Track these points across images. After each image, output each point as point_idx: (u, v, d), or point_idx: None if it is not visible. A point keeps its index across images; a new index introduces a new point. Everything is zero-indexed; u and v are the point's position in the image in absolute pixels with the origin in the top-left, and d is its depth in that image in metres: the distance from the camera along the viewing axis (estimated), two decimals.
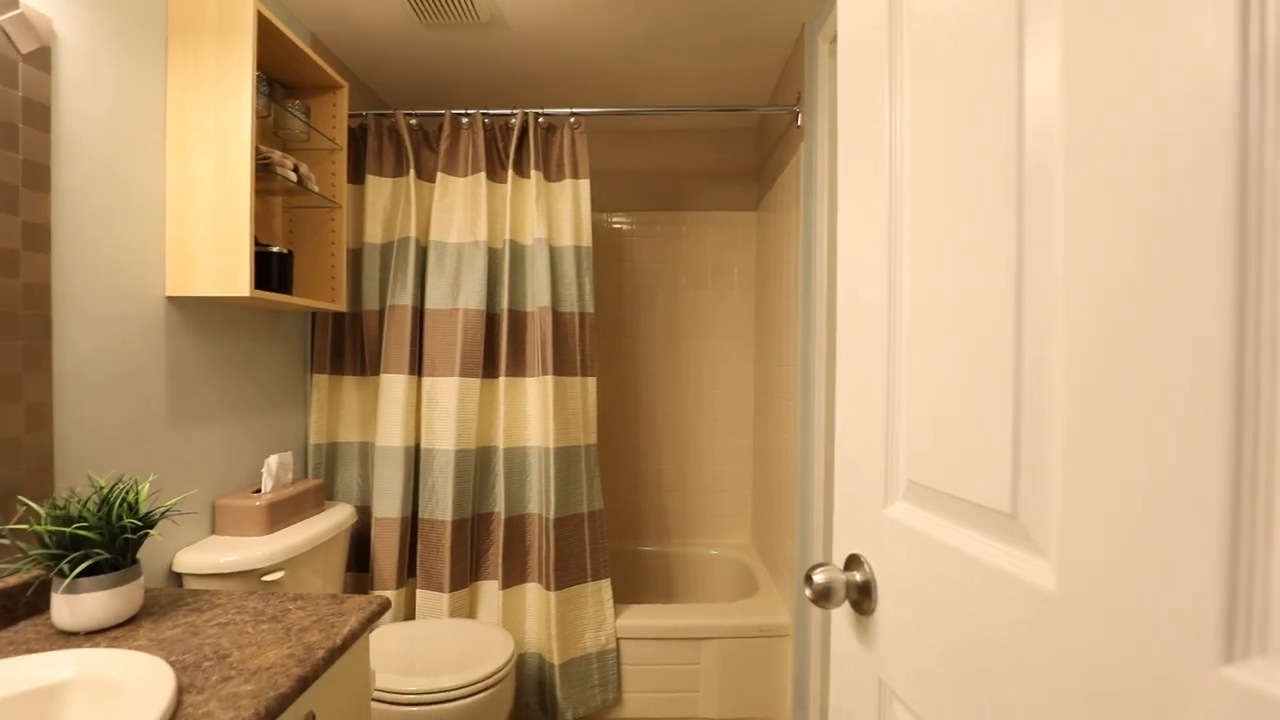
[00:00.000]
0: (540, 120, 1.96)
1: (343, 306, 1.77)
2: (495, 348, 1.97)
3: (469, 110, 1.95)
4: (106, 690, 0.79)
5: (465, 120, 1.96)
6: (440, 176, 1.95)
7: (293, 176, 1.55)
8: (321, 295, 1.77)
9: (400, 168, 2.00)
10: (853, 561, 0.70)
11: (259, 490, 1.58)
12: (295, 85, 1.74)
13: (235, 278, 1.35)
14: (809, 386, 1.85)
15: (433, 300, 1.93)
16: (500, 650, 1.57)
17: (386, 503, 1.89)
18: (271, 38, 1.48)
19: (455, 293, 1.93)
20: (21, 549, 0.94)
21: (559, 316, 1.94)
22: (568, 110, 1.95)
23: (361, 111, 1.96)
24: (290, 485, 1.64)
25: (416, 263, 1.95)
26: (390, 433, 1.90)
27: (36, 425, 1.07)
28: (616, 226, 2.79)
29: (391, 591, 1.87)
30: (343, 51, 2.07)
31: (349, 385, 1.99)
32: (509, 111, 1.96)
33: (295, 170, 1.57)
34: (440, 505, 1.88)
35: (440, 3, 1.77)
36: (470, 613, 1.93)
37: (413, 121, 1.98)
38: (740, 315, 2.76)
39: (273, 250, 1.53)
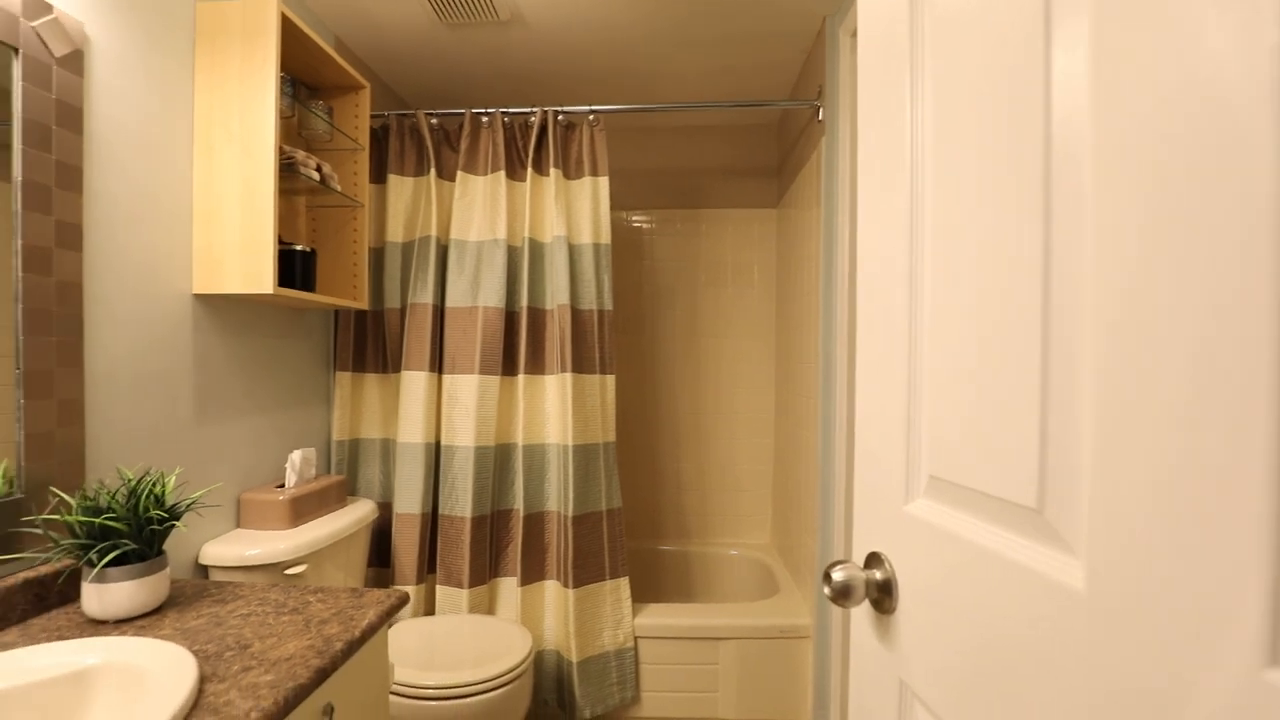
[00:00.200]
0: (559, 118, 1.96)
1: (365, 304, 1.79)
2: (515, 345, 1.98)
3: (489, 109, 1.96)
4: (132, 677, 0.80)
5: (485, 119, 1.97)
6: (460, 175, 1.96)
7: (316, 176, 1.57)
8: (344, 293, 1.79)
9: (421, 167, 2.02)
10: (873, 559, 0.68)
11: (283, 485, 1.61)
12: (318, 86, 1.77)
13: (259, 276, 1.37)
14: (830, 384, 1.82)
15: (453, 298, 1.94)
16: (519, 647, 1.58)
17: (407, 499, 1.91)
18: (295, 40, 1.50)
19: (475, 291, 1.94)
20: (53, 539, 0.97)
21: (578, 314, 1.94)
22: (586, 108, 1.95)
23: (383, 112, 1.99)
24: (313, 480, 1.66)
25: (437, 261, 1.97)
26: (411, 429, 1.91)
27: (69, 419, 1.10)
28: (636, 225, 2.78)
29: (412, 587, 1.88)
30: (365, 52, 2.10)
31: (371, 382, 2.01)
32: (528, 110, 1.96)
33: (318, 170, 1.59)
34: (460, 502, 1.89)
35: (460, 2, 1.78)
36: (489, 609, 1.94)
37: (433, 121, 2.00)
38: (760, 313, 2.73)
39: (296, 249, 1.55)
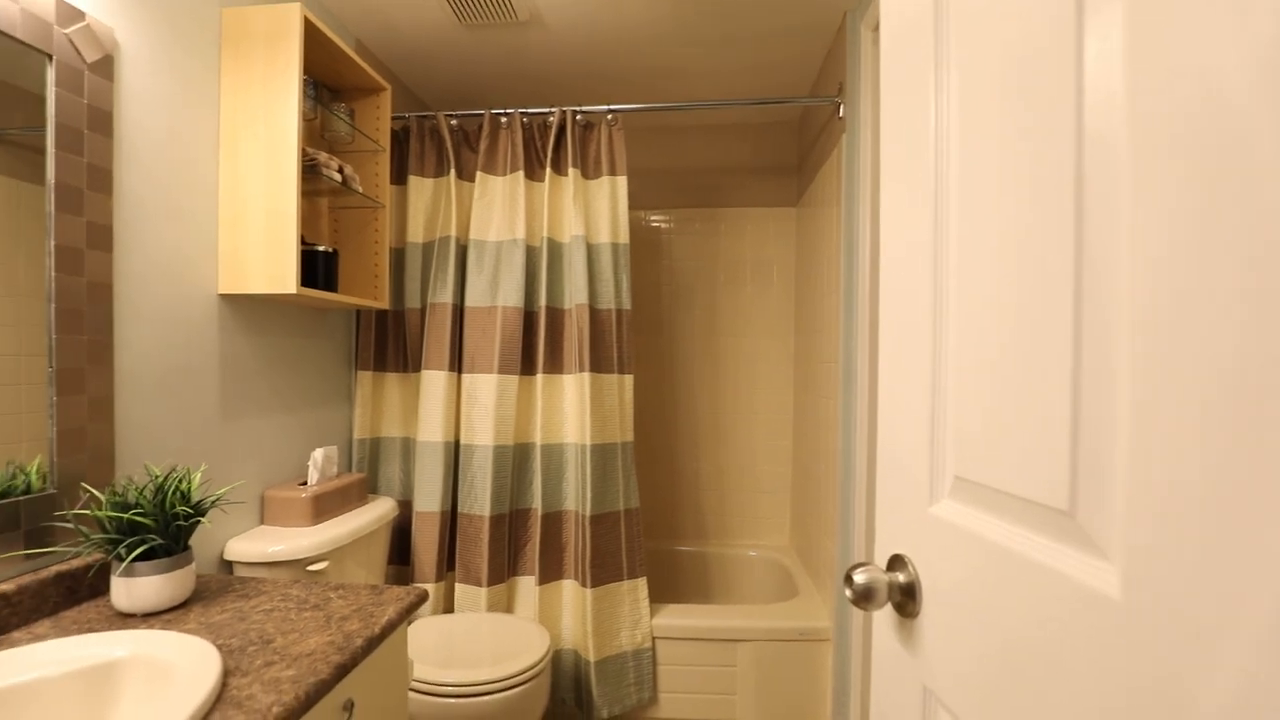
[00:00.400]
0: (578, 118, 1.96)
1: (386, 304, 1.80)
2: (533, 345, 1.99)
3: (508, 110, 1.97)
4: (158, 670, 0.82)
5: (504, 120, 1.98)
6: (480, 176, 1.97)
7: (338, 178, 1.59)
8: (365, 293, 1.81)
9: (441, 168, 2.03)
10: (896, 562, 0.67)
11: (305, 483, 1.63)
12: (340, 89, 1.79)
13: (283, 276, 1.39)
14: (850, 383, 1.80)
15: (472, 298, 1.95)
16: (536, 646, 1.58)
17: (427, 497, 1.92)
18: (318, 43, 1.52)
19: (494, 290, 1.95)
20: (84, 533, 0.99)
21: (596, 314, 1.94)
22: (605, 107, 1.95)
23: (404, 114, 2.00)
24: (335, 478, 1.68)
25: (457, 261, 1.98)
26: (431, 428, 1.93)
27: (99, 416, 1.12)
28: (655, 224, 2.78)
29: (431, 584, 1.90)
30: (386, 55, 2.12)
31: (392, 381, 2.03)
32: (547, 110, 1.97)
33: (340, 171, 1.61)
34: (479, 500, 1.90)
35: (479, 3, 1.79)
36: (507, 607, 1.95)
37: (453, 122, 2.01)
38: (780, 313, 2.71)
39: (319, 249, 1.57)
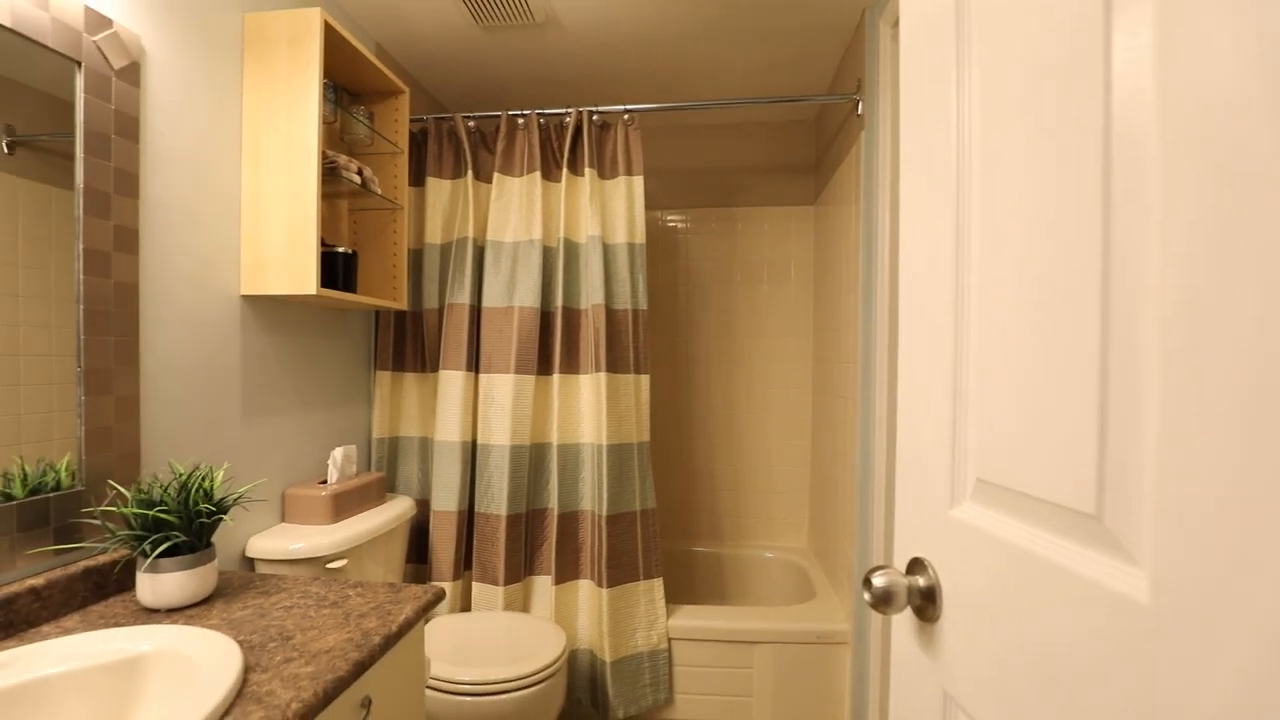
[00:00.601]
0: (594, 118, 1.96)
1: (404, 305, 1.82)
2: (550, 345, 1.99)
3: (524, 111, 1.98)
4: (181, 665, 0.83)
5: (521, 121, 1.99)
6: (497, 177, 1.98)
7: (357, 180, 1.61)
8: (384, 294, 1.83)
9: (459, 169, 2.05)
10: (915, 565, 0.66)
11: (325, 481, 1.65)
12: (360, 92, 1.81)
13: (303, 277, 1.41)
14: (869, 383, 1.77)
15: (489, 298, 1.97)
16: (553, 645, 1.58)
17: (444, 496, 1.93)
18: (338, 47, 1.54)
19: (511, 291, 1.96)
20: (110, 529, 1.01)
21: (612, 314, 1.94)
22: (621, 107, 1.95)
23: (422, 116, 2.02)
24: (354, 477, 1.70)
25: (474, 262, 1.99)
26: (448, 428, 1.94)
27: (125, 415, 1.14)
28: (671, 224, 2.77)
29: (449, 583, 1.91)
30: (404, 58, 2.14)
31: (410, 381, 2.05)
32: (563, 111, 1.97)
33: (359, 173, 1.63)
34: (495, 500, 1.91)
35: (496, 5, 1.80)
36: (524, 607, 1.96)
37: (470, 124, 2.02)
38: (797, 312, 2.69)
39: (338, 251, 1.59)
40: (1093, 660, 0.42)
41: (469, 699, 1.43)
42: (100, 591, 1.07)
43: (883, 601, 0.64)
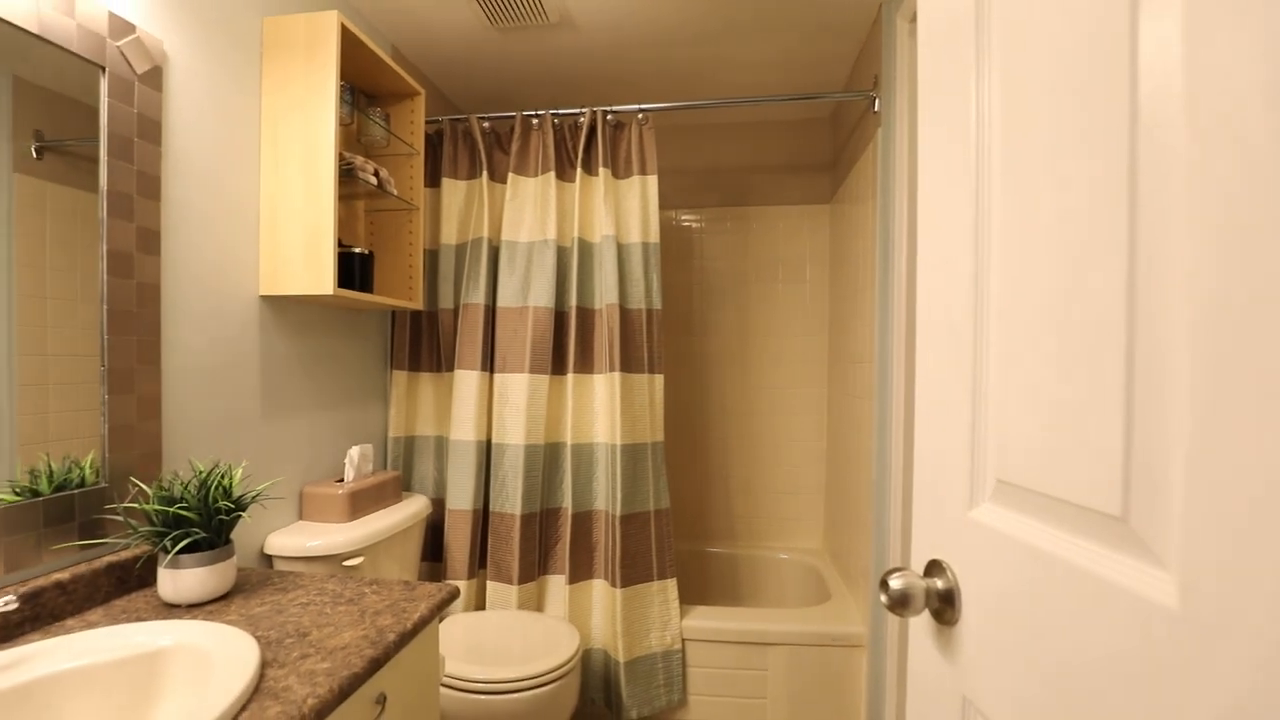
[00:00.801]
0: (609, 118, 1.96)
1: (420, 305, 1.83)
2: (564, 345, 1.99)
3: (539, 111, 1.98)
4: (201, 659, 0.84)
5: (535, 121, 1.99)
6: (511, 177, 1.99)
7: (373, 181, 1.63)
8: (400, 294, 1.84)
9: (474, 170, 2.06)
10: (934, 567, 0.65)
11: (342, 480, 1.67)
12: (376, 94, 1.82)
13: (321, 278, 1.42)
14: (886, 383, 1.75)
15: (504, 298, 1.97)
16: (566, 644, 1.58)
17: (459, 495, 1.95)
18: (355, 49, 1.55)
19: (525, 291, 1.97)
20: (132, 526, 1.03)
21: (626, 313, 1.94)
22: (635, 107, 1.94)
23: (438, 117, 2.03)
24: (371, 476, 1.72)
25: (489, 262, 2.00)
26: (463, 427, 1.95)
27: (147, 414, 1.16)
28: (686, 224, 2.76)
29: (463, 581, 1.92)
30: (420, 59, 2.16)
31: (425, 381, 2.06)
32: (578, 111, 1.98)
33: (376, 175, 1.64)
34: (510, 499, 1.92)
35: (510, 5, 1.81)
36: (538, 606, 1.96)
37: (485, 125, 2.03)
38: (813, 312, 2.67)
39: (355, 251, 1.61)
40: (1118, 667, 0.41)
41: (483, 697, 1.43)
42: (123, 586, 1.08)
43: (900, 604, 0.63)
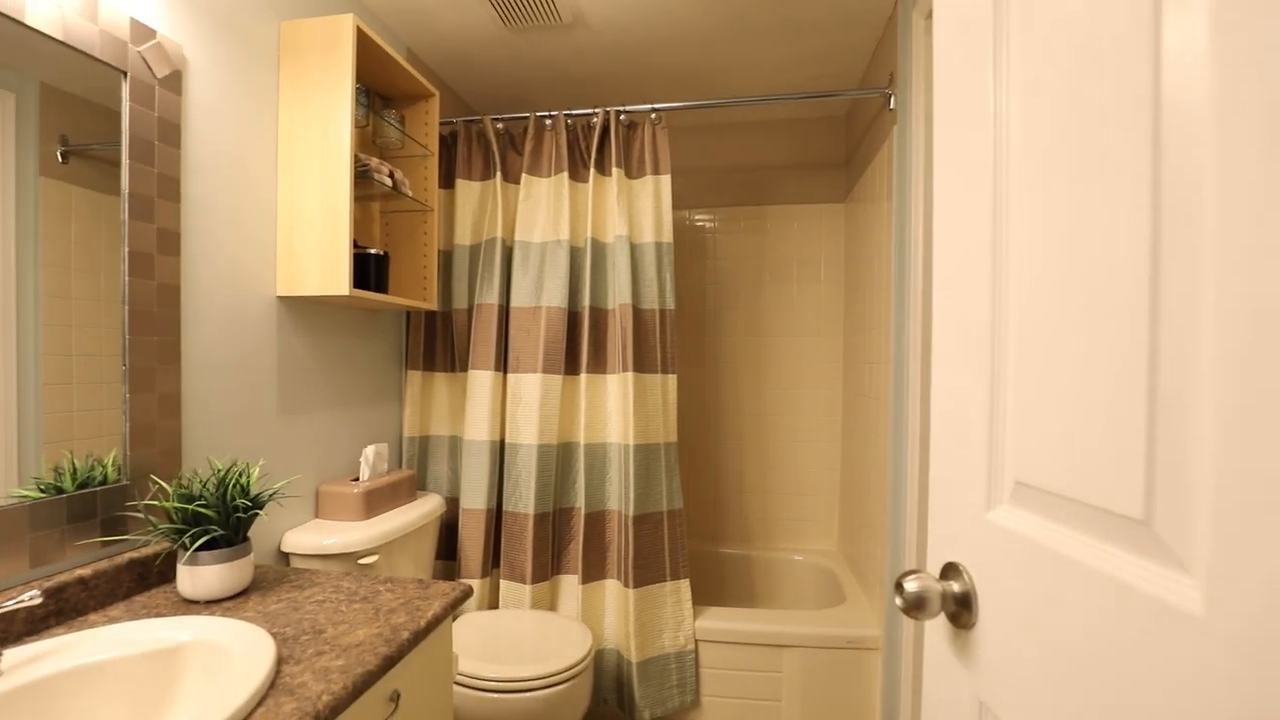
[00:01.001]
0: (622, 118, 1.96)
1: (434, 305, 1.84)
2: (577, 345, 2.00)
3: (552, 112, 1.98)
4: (219, 655, 0.85)
5: (549, 122, 2.00)
6: (525, 178, 1.99)
7: (388, 182, 1.64)
8: (415, 295, 1.86)
9: (488, 171, 2.07)
10: (950, 570, 0.64)
11: (357, 478, 1.68)
12: (391, 95, 1.84)
13: (337, 278, 1.44)
14: (901, 383, 1.74)
15: (517, 299, 1.98)
16: (579, 644, 1.58)
17: (473, 494, 1.96)
18: (370, 52, 1.57)
19: (539, 291, 1.97)
20: (152, 523, 1.04)
21: (639, 313, 1.94)
22: (649, 106, 1.94)
23: (452, 119, 2.05)
24: (386, 475, 1.73)
25: (502, 262, 2.01)
26: (477, 427, 1.96)
27: (167, 412, 1.18)
28: (699, 224, 2.76)
29: (477, 580, 1.93)
30: (434, 61, 2.17)
31: (440, 381, 2.08)
32: (591, 111, 1.98)
33: (391, 176, 1.66)
34: (523, 498, 1.92)
35: (524, 6, 1.81)
36: (551, 605, 1.96)
37: (499, 125, 2.04)
38: (828, 311, 2.65)
39: (370, 252, 1.62)
40: (1140, 674, 0.40)
41: (496, 696, 1.44)
42: (143, 582, 1.10)
43: (915, 607, 0.62)
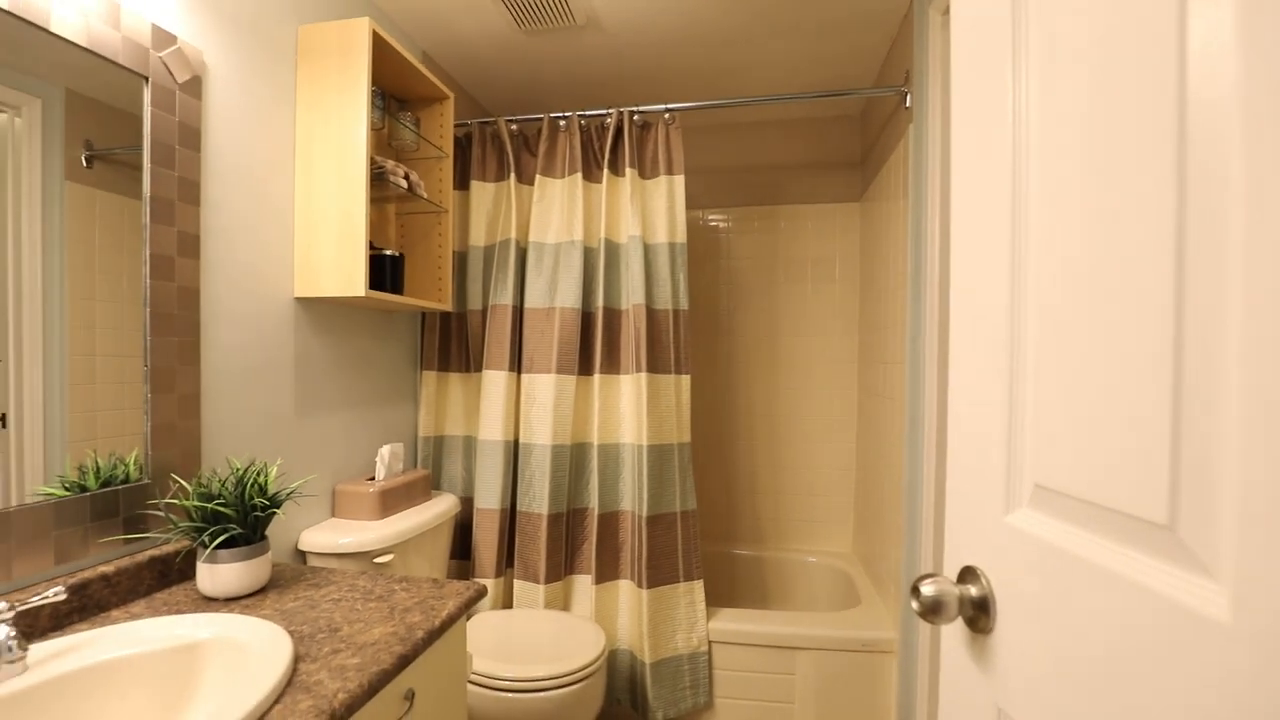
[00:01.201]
0: (635, 118, 1.96)
1: (449, 306, 1.86)
2: (591, 345, 2.00)
3: (566, 113, 1.99)
4: (237, 652, 0.86)
5: (562, 123, 2.00)
6: (539, 179, 2.00)
7: (404, 184, 1.65)
8: (430, 296, 1.87)
9: (502, 172, 2.08)
10: (967, 574, 0.63)
11: (373, 478, 1.70)
12: (406, 98, 1.86)
13: (353, 279, 1.45)
14: (917, 384, 1.72)
15: (531, 299, 1.99)
16: (592, 644, 1.59)
17: (487, 494, 1.96)
18: (386, 55, 1.58)
19: (552, 292, 1.98)
20: (173, 521, 1.06)
21: (653, 314, 1.94)
22: (662, 106, 1.94)
23: (466, 120, 2.06)
24: (401, 474, 1.75)
25: (516, 263, 2.02)
26: (491, 427, 1.97)
27: (187, 412, 1.20)
28: (713, 224, 2.75)
29: (491, 580, 1.94)
30: (449, 63, 2.19)
31: (454, 381, 2.09)
32: (604, 111, 1.98)
33: (406, 178, 1.67)
34: (537, 499, 1.93)
35: (538, 9, 1.82)
36: (564, 605, 1.97)
37: (513, 127, 2.05)
38: (842, 311, 2.63)
39: (386, 253, 1.64)
40: (1164, 682, 0.39)
41: (509, 695, 1.44)
42: (164, 579, 1.12)
43: (932, 611, 0.61)
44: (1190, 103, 0.39)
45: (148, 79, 1.12)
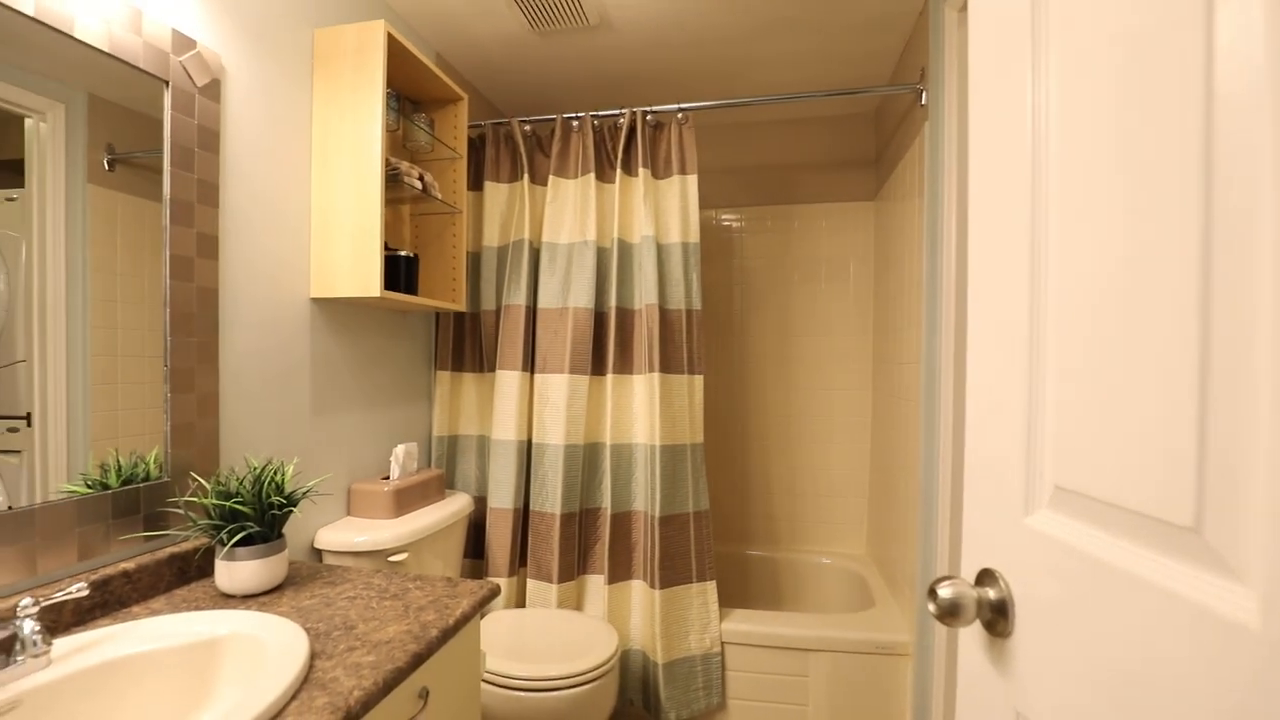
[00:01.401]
0: (648, 118, 1.96)
1: (463, 306, 1.87)
2: (603, 345, 2.00)
3: (579, 113, 1.99)
4: (255, 648, 0.87)
5: (575, 123, 2.01)
6: (552, 180, 2.01)
7: (418, 185, 1.66)
8: (444, 296, 1.88)
9: (515, 173, 2.09)
10: (985, 576, 0.62)
11: (388, 477, 1.71)
12: (421, 100, 1.87)
13: (368, 280, 1.46)
14: (933, 384, 1.70)
15: (545, 299, 1.99)
16: (605, 644, 1.59)
17: (500, 494, 1.97)
18: (400, 57, 1.59)
19: (565, 292, 1.98)
20: (192, 519, 1.08)
21: (666, 314, 1.94)
22: (675, 106, 1.94)
23: (480, 121, 2.07)
24: (415, 474, 1.76)
25: (530, 264, 2.03)
26: (505, 427, 1.98)
27: (206, 412, 1.22)
28: (726, 223, 2.74)
29: (504, 579, 1.95)
30: (463, 65, 2.20)
31: (468, 381, 2.10)
32: (617, 112, 1.98)
33: (421, 179, 1.68)
34: (550, 498, 1.93)
35: (551, 10, 1.82)
36: (577, 605, 1.97)
37: (527, 128, 2.06)
38: (857, 312, 2.61)
39: (400, 254, 1.65)
40: (1188, 689, 0.39)
41: (523, 694, 1.45)
42: (183, 576, 1.14)
43: (949, 614, 0.60)
44: (1217, 98, 0.38)
45: (168, 83, 1.13)
